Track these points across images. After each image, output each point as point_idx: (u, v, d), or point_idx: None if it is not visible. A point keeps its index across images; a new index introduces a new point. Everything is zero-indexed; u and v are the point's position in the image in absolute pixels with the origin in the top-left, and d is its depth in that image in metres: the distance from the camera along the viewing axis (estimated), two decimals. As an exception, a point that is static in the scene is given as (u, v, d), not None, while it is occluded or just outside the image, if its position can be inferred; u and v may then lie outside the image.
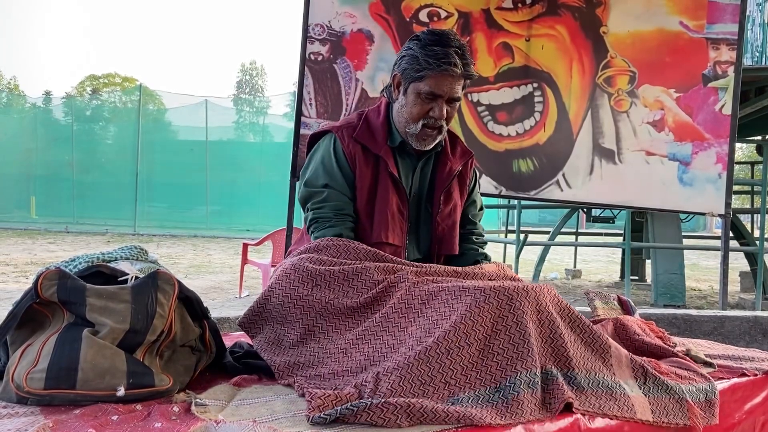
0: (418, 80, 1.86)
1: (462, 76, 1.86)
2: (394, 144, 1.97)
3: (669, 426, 1.52)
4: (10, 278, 7.23)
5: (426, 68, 1.83)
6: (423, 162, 2.01)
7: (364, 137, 1.95)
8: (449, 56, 1.82)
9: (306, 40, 3.69)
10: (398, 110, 1.95)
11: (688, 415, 1.54)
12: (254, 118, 20.90)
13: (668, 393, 1.59)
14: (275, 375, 1.57)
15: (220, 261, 10.02)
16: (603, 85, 3.98)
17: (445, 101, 1.88)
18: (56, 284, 1.40)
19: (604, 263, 11.92)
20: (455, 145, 2.08)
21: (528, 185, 3.98)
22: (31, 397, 1.31)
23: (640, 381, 1.60)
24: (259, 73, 53.32)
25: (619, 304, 2.27)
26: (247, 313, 1.72)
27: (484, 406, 1.37)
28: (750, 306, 6.43)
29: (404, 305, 1.57)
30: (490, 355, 1.44)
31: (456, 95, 1.88)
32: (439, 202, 1.98)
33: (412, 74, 1.87)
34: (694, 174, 3.96)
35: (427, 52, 1.83)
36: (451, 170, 2.01)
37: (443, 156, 2.03)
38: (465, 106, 3.88)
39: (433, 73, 1.83)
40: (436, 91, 1.85)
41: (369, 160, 1.94)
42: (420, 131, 1.90)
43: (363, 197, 1.93)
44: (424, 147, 1.95)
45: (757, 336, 3.84)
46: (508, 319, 1.47)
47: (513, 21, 3.89)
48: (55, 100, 22.89)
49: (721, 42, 3.93)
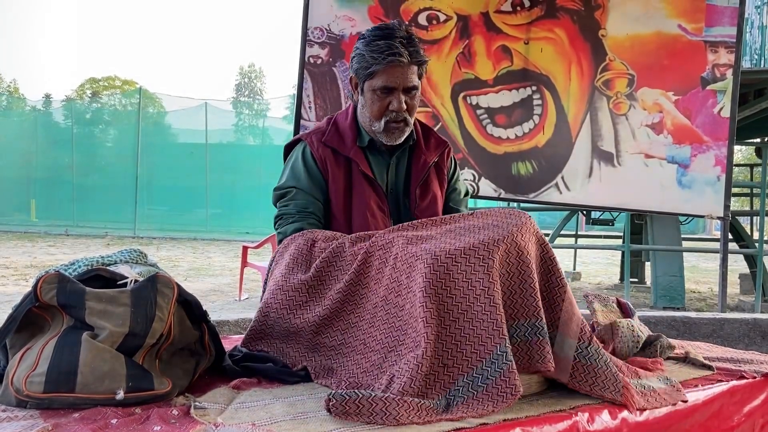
0: (369, 77, 1.89)
1: (411, 64, 1.88)
2: (364, 144, 2.00)
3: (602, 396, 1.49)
4: (10, 281, 7.23)
5: (374, 64, 1.87)
6: (397, 157, 2.04)
7: (333, 141, 1.99)
8: (392, 47, 1.84)
9: (305, 44, 3.70)
10: (361, 111, 1.99)
11: (622, 391, 1.50)
12: (254, 120, 20.93)
13: (605, 365, 1.52)
14: (312, 376, 1.59)
15: (220, 264, 10.03)
16: (602, 88, 3.98)
17: (402, 92, 1.90)
18: (56, 288, 1.40)
19: (604, 265, 11.92)
20: (429, 138, 2.10)
21: (527, 188, 3.98)
22: (30, 401, 1.31)
23: (583, 344, 1.52)
24: (258, 76, 53.33)
25: (618, 306, 2.27)
26: (249, 332, 1.74)
27: (480, 391, 1.39)
28: (749, 308, 6.43)
29: (395, 284, 1.53)
30: (471, 331, 1.44)
31: (410, 84, 1.90)
32: (415, 195, 2.00)
33: (363, 73, 1.91)
34: (693, 176, 3.97)
35: (372, 48, 1.87)
36: (426, 162, 2.03)
37: (417, 149, 2.05)
38: (464, 109, 3.89)
39: (381, 68, 1.86)
40: (389, 84, 1.88)
41: (340, 162, 1.97)
42: (385, 127, 1.93)
43: (339, 200, 1.96)
44: (394, 141, 1.97)
45: (756, 338, 3.85)
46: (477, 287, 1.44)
47: (512, 24, 3.90)
48: (55, 102, 22.95)
49: (719, 45, 3.94)
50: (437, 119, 3.88)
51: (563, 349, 1.48)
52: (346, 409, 1.31)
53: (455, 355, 1.43)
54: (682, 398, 1.63)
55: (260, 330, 1.72)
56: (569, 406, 1.49)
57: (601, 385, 1.50)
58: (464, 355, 1.42)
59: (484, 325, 1.42)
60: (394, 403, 1.32)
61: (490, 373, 1.40)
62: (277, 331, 1.69)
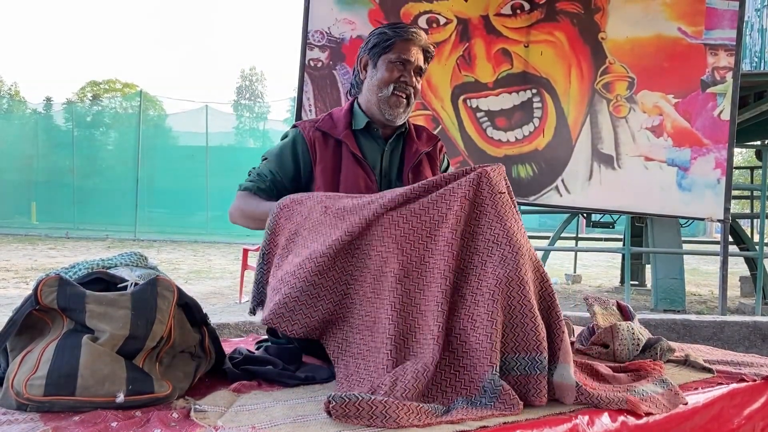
0: (387, 50, 2.06)
1: (424, 47, 2.10)
2: (360, 126, 2.10)
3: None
4: (11, 284, 7.23)
5: (394, 36, 2.06)
6: (391, 145, 2.12)
7: (325, 126, 2.09)
8: (412, 27, 2.10)
9: (306, 47, 3.70)
10: (368, 86, 2.11)
11: (626, 402, 1.53)
12: (254, 123, 20.97)
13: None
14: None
15: (221, 266, 10.02)
16: (602, 90, 3.99)
17: (414, 71, 2.08)
18: (56, 291, 1.40)
19: (604, 268, 11.91)
20: (420, 132, 2.23)
21: (527, 191, 3.98)
22: (30, 404, 1.31)
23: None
24: (259, 79, 53.39)
25: (618, 309, 2.28)
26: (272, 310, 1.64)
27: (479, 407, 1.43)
28: (750, 311, 6.43)
29: (402, 272, 1.57)
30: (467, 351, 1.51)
31: (420, 65, 2.09)
32: (408, 179, 2.07)
33: (382, 46, 2.07)
34: (693, 179, 3.97)
35: (393, 26, 2.11)
36: (418, 150, 2.13)
37: (409, 140, 2.16)
38: (464, 112, 3.89)
39: (401, 40, 2.06)
40: (404, 55, 2.05)
41: (330, 144, 2.05)
42: (391, 95, 2.05)
43: (327, 179, 2.01)
44: (394, 114, 2.07)
45: (757, 341, 3.85)
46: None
47: (512, 27, 3.90)
48: (55, 106, 22.94)
49: (719, 48, 3.94)
50: (437, 122, 3.88)
51: (564, 376, 1.52)
52: (346, 412, 1.32)
53: (454, 377, 1.49)
54: (682, 401, 1.63)
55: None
56: (569, 409, 1.49)
57: (606, 401, 1.52)
58: (463, 384, 1.49)
59: (478, 354, 1.48)
60: (394, 406, 1.32)
61: (487, 399, 1.44)
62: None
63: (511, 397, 1.44)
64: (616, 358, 2.00)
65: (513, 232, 1.59)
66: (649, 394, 1.62)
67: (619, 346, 2.01)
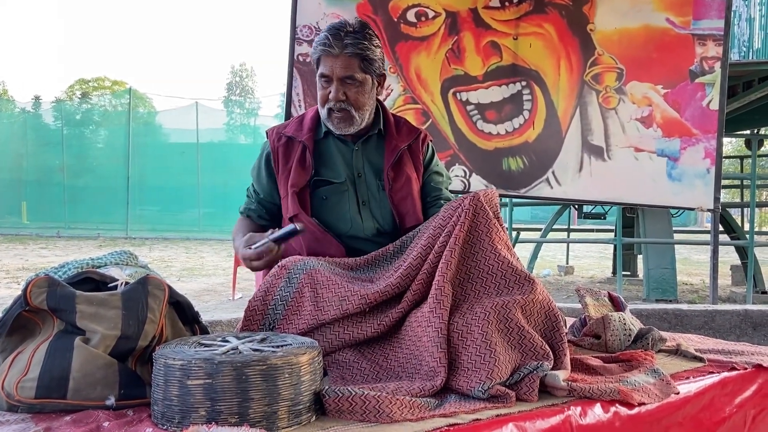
0: (317, 66, 1.99)
1: (345, 54, 1.92)
2: (320, 137, 2.08)
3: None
4: (2, 284, 7.19)
5: (314, 54, 1.97)
6: (361, 144, 2.09)
7: (290, 130, 2.08)
8: (328, 39, 1.92)
9: (294, 42, 3.68)
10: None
11: (619, 393, 1.55)
12: (245, 119, 20.87)
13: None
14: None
15: (213, 263, 10.00)
16: (591, 82, 3.99)
17: (339, 82, 1.95)
18: (46, 291, 1.40)
19: (596, 259, 11.96)
20: (400, 126, 2.17)
21: (518, 183, 3.99)
22: (21, 406, 1.31)
23: None
24: (249, 75, 53.11)
25: (609, 300, 2.28)
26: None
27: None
28: (741, 300, 6.47)
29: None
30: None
31: (347, 74, 1.94)
32: (388, 177, 2.06)
33: (314, 62, 2.00)
34: (683, 169, 3.98)
35: (318, 40, 1.97)
36: (396, 147, 2.09)
37: (388, 137, 2.12)
38: (454, 105, 3.89)
39: (318, 55, 1.96)
40: (325, 71, 1.95)
41: (295, 148, 2.05)
42: (327, 114, 2.01)
43: (284, 182, 2.04)
44: (339, 130, 2.03)
45: (748, 330, 3.88)
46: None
47: (500, 20, 3.90)
48: (44, 104, 22.69)
49: (707, 38, 3.95)
50: (427, 116, 3.88)
51: (556, 379, 1.53)
52: (340, 407, 1.32)
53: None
54: (673, 391, 1.64)
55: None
56: (562, 400, 1.50)
57: (598, 392, 1.54)
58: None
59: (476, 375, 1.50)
60: (387, 401, 1.33)
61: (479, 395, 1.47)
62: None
63: (503, 392, 1.45)
64: (608, 349, 2.01)
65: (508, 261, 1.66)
66: (641, 384, 1.63)
67: (611, 337, 2.02)
